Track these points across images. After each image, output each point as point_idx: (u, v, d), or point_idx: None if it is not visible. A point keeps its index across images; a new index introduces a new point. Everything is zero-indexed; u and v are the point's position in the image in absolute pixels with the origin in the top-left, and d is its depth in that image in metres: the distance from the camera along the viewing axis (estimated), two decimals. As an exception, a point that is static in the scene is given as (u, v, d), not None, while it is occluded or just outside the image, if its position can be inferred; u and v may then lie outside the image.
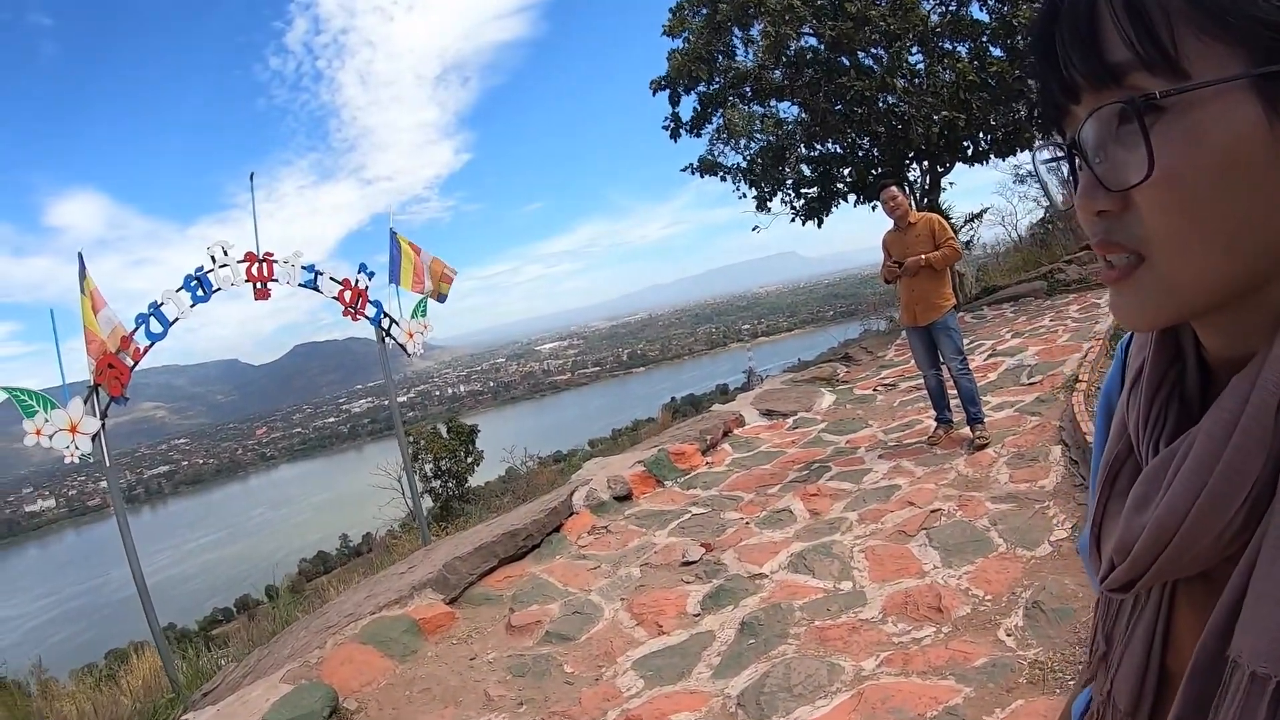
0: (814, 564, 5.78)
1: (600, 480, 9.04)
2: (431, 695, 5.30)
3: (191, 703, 6.90)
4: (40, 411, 7.47)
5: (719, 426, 10.74)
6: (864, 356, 14.32)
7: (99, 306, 7.81)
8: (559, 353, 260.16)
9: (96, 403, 7.80)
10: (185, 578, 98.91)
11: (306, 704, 5.15)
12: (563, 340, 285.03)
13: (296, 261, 9.55)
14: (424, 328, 11.31)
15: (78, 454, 7.67)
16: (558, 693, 4.99)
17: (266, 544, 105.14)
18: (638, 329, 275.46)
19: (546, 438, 62.48)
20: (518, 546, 7.59)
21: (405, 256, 10.93)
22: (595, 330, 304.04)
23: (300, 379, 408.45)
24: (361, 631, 6.16)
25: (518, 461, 22.63)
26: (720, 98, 18.52)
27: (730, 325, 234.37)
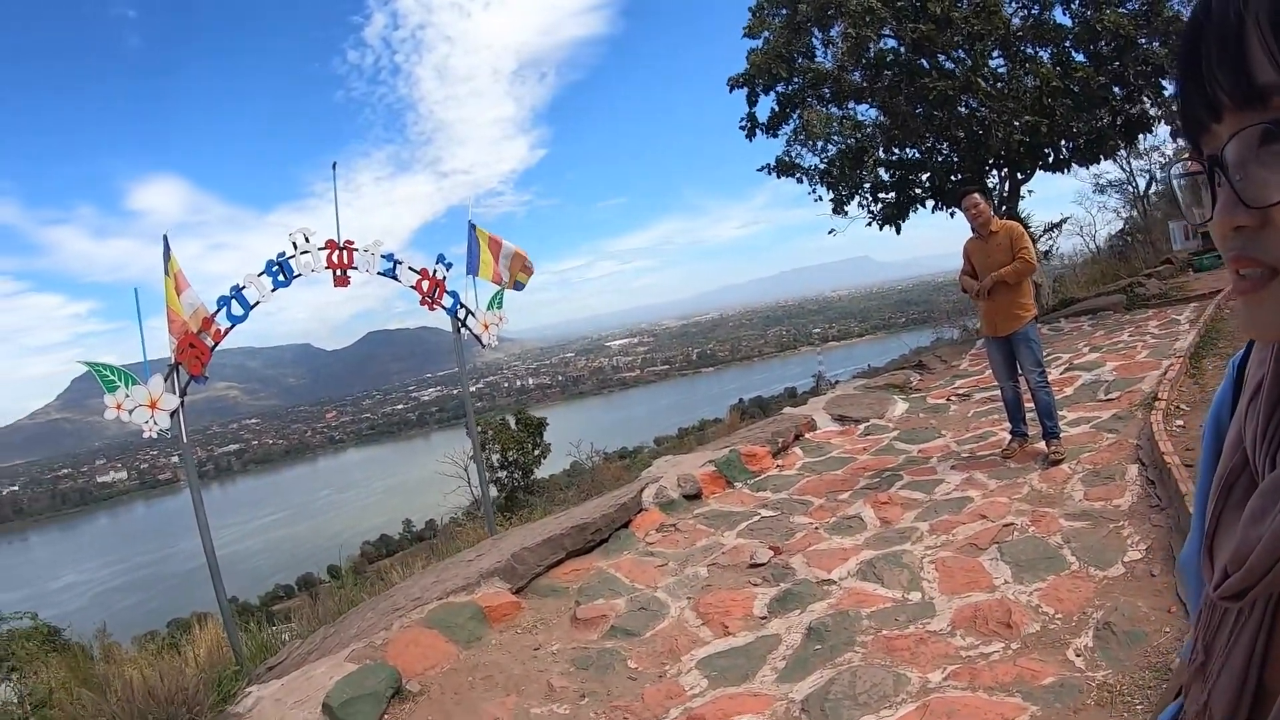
0: (883, 573, 5.73)
1: (670, 478, 9.03)
2: (494, 682, 5.33)
3: (256, 675, 7.00)
4: (121, 386, 7.61)
5: (791, 429, 10.68)
6: (937, 365, 14.17)
7: (182, 288, 7.95)
8: (629, 349, 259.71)
9: (177, 380, 7.94)
10: (250, 553, 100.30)
11: (370, 684, 5.22)
12: (633, 337, 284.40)
13: (376, 250, 9.64)
14: (499, 319, 11.38)
15: (156, 429, 7.81)
16: (620, 687, 5.00)
17: (331, 525, 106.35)
18: (709, 328, 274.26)
19: (613, 434, 62.63)
20: (586, 540, 7.61)
21: (484, 248, 11.00)
22: (666, 328, 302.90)
23: (371, 365, 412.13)
24: (428, 616, 6.21)
25: (583, 456, 22.70)
26: (798, 98, 18.36)
27: (801, 328, 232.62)
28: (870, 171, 18.30)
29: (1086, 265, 23.31)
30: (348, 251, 9.33)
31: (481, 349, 11.72)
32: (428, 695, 5.30)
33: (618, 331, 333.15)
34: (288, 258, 8.81)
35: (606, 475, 16.46)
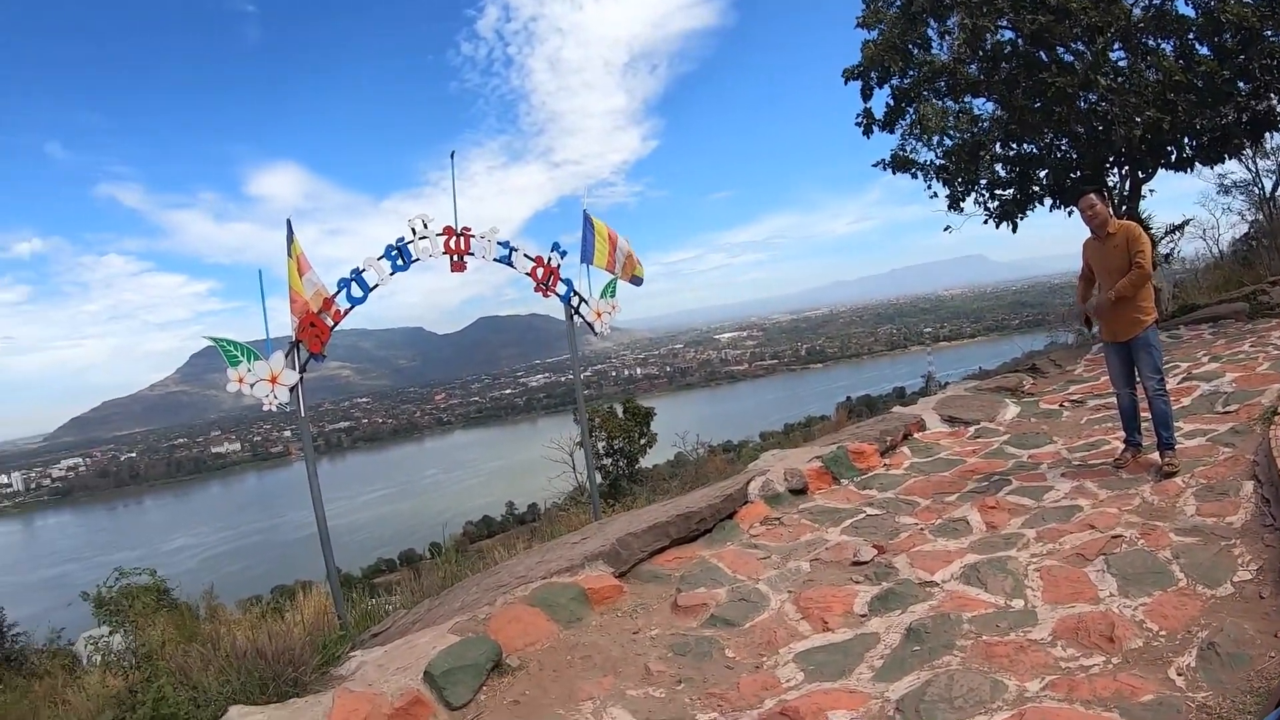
0: (987, 578, 5.68)
1: (777, 472, 9.04)
2: (592, 663, 5.42)
3: (360, 641, 7.21)
4: (244, 361, 7.91)
5: (899, 429, 10.61)
6: (1051, 369, 13.92)
7: (304, 270, 8.21)
8: (738, 343, 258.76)
9: (297, 357, 8.21)
10: (355, 527, 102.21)
11: (471, 655, 5.36)
12: (742, 330, 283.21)
13: (493, 237, 9.81)
14: (612, 308, 11.49)
15: (276, 403, 8.10)
16: (717, 675, 5.04)
17: (435, 503, 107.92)
18: (818, 324, 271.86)
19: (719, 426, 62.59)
20: (690, 529, 7.69)
21: (599, 237, 11.10)
22: (775, 323, 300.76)
23: (481, 350, 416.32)
24: (531, 594, 6.34)
25: (689, 448, 22.76)
26: (914, 92, 18.06)
27: (911, 327, 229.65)
28: (987, 167, 18.01)
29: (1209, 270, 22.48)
30: (465, 238, 9.51)
31: (593, 337, 11.86)
32: (526, 671, 5.42)
33: (727, 324, 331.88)
34: (407, 243, 9.02)
35: (711, 467, 16.52)
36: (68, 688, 11.29)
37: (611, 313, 11.54)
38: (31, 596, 68.78)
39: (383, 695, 5.02)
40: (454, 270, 9.63)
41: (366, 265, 8.73)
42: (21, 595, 75.04)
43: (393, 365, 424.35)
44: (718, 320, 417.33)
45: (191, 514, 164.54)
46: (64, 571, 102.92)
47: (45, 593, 73.84)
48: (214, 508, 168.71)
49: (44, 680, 12.91)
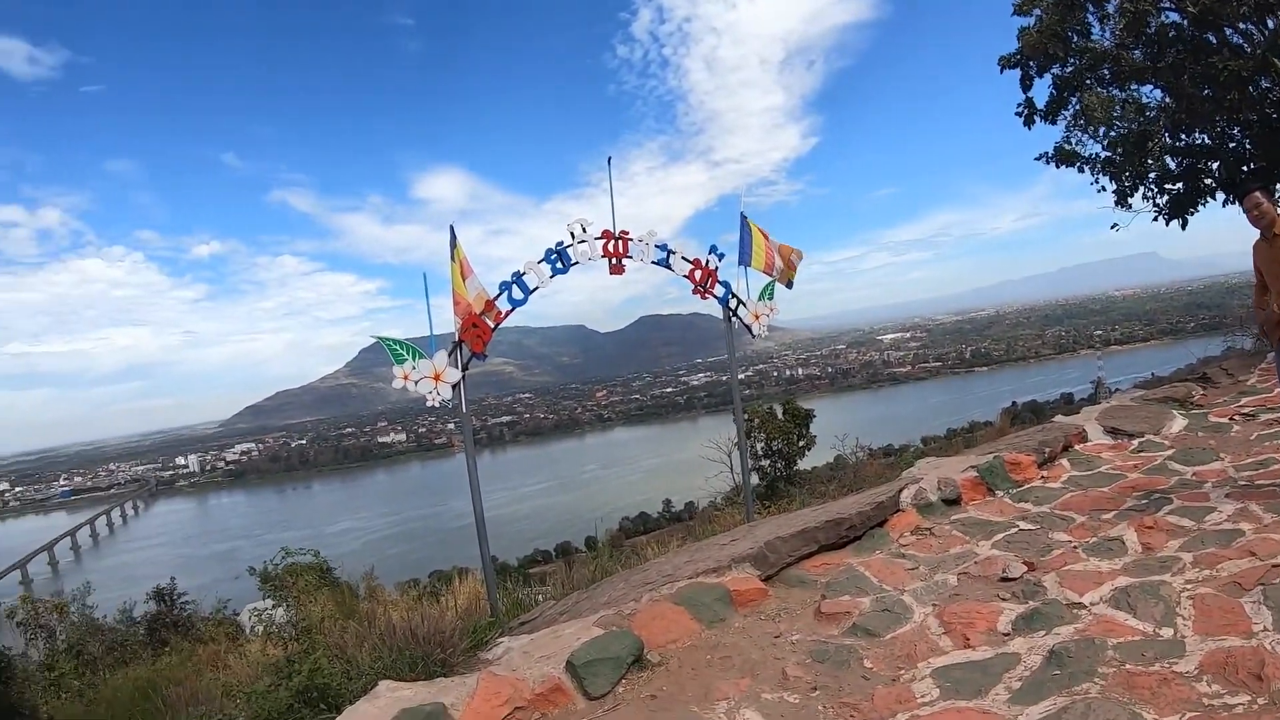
0: (1137, 603, 5.48)
1: (930, 480, 8.95)
2: (731, 663, 5.49)
3: (508, 628, 7.47)
4: (409, 360, 8.28)
5: (1059, 439, 10.36)
6: (1224, 379, 13.39)
7: (467, 273, 8.54)
8: (900, 344, 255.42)
9: (459, 356, 8.53)
10: (514, 518, 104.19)
11: (614, 649, 5.51)
12: (905, 331, 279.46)
13: (650, 240, 9.98)
14: (770, 309, 11.56)
15: (439, 399, 8.44)
16: (853, 685, 5.04)
17: (593, 498, 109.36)
18: (983, 326, 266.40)
19: (879, 430, 61.90)
20: (839, 536, 7.67)
21: (755, 239, 11.18)
22: (939, 323, 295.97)
23: (642, 349, 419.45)
24: (676, 593, 6.44)
25: (848, 450, 22.61)
26: (1076, 81, 17.40)
27: (1081, 329, 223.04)
28: (1155, 160, 17.24)
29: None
30: (623, 241, 9.71)
31: (751, 338, 11.93)
32: (666, 667, 5.53)
33: (889, 325, 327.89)
34: (566, 247, 9.27)
35: (869, 472, 16.42)
36: (230, 654, 11.92)
37: (769, 314, 11.61)
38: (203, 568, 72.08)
39: (525, 681, 5.21)
40: (612, 273, 9.83)
41: (527, 269, 9.00)
42: (193, 567, 78.76)
43: (555, 362, 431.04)
44: (881, 320, 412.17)
45: (356, 499, 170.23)
46: (234, 547, 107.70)
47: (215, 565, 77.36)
48: (378, 494, 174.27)
49: (208, 646, 13.61)
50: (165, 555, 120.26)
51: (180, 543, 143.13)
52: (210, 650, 13.39)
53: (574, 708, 5.16)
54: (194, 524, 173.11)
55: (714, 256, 10.73)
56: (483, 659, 6.19)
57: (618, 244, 9.66)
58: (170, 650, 14.86)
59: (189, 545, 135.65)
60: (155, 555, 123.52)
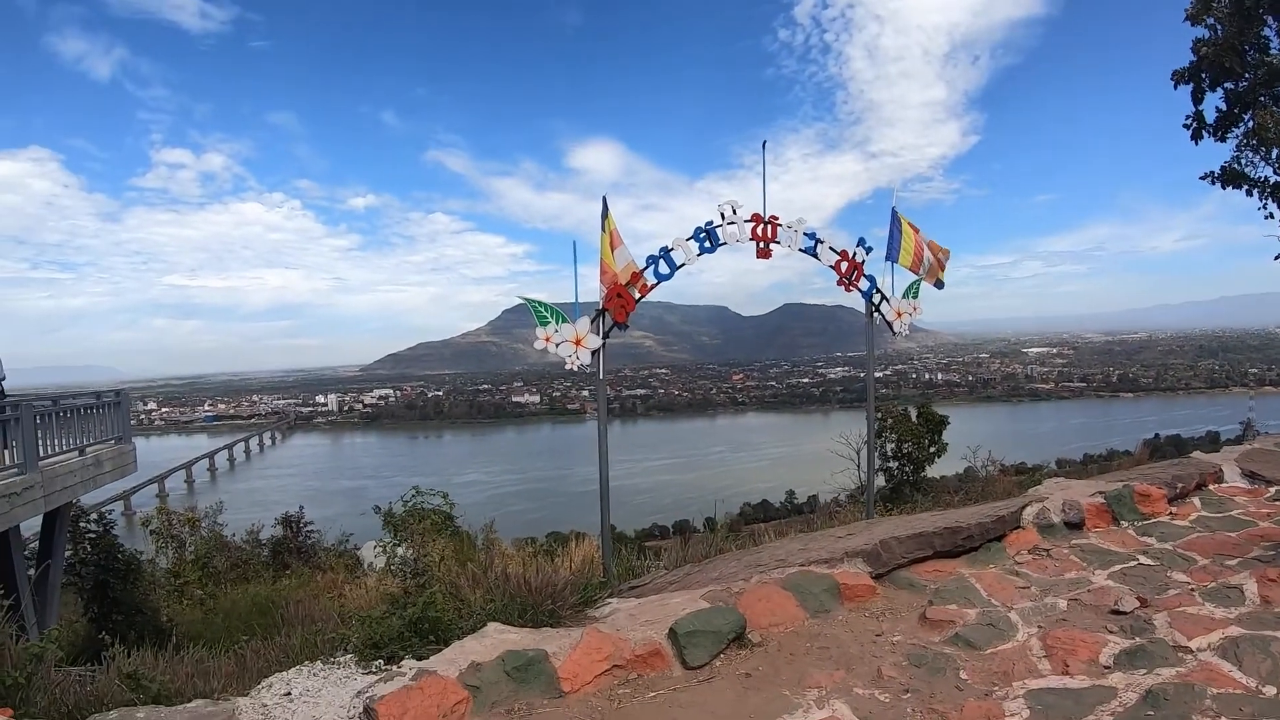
0: (1244, 655, 5.31)
1: (1055, 501, 8.82)
2: (828, 654, 5.57)
3: (619, 591, 7.66)
4: (552, 322, 8.52)
5: (1193, 476, 10.08)
6: (1380, 435, 12.89)
7: (616, 244, 8.71)
8: (1046, 359, 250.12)
9: (601, 324, 8.73)
10: (636, 490, 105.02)
11: (717, 623, 5.65)
12: (1052, 347, 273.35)
13: (799, 227, 10.02)
14: (914, 309, 11.51)
15: (578, 363, 8.68)
16: (944, 693, 5.06)
17: (717, 480, 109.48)
18: (1134, 350, 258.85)
19: (1015, 445, 60.74)
20: (955, 544, 7.64)
21: (905, 236, 11.13)
22: (1088, 341, 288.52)
23: (783, 336, 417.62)
24: (786, 578, 6.53)
25: (979, 463, 22.33)
26: (1250, 97, 16.71)
27: (1235, 364, 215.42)
28: None
29: None
30: (772, 226, 9.78)
31: (893, 336, 11.88)
32: (765, 648, 5.64)
33: (1036, 338, 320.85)
34: (715, 226, 9.39)
35: (999, 487, 16.20)
36: (346, 584, 12.40)
37: (913, 313, 11.56)
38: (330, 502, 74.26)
39: (627, 641, 5.39)
40: (759, 256, 9.91)
41: (675, 244, 9.15)
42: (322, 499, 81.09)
43: (694, 341, 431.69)
44: (1027, 332, 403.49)
45: (486, 453, 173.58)
46: (362, 485, 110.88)
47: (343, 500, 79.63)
48: (507, 451, 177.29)
49: (327, 575, 14.17)
50: (296, 485, 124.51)
51: (311, 475, 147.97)
52: (329, 578, 13.93)
53: (670, 674, 5.32)
54: (327, 459, 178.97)
55: (861, 249, 10.74)
56: (590, 616, 6.38)
57: (767, 228, 9.74)
58: (291, 574, 15.50)
59: (319, 479, 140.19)
60: (287, 484, 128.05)
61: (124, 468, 19.03)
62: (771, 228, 9.74)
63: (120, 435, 19.38)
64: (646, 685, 5.24)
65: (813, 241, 10.19)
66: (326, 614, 9.92)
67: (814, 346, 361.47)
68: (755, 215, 9.64)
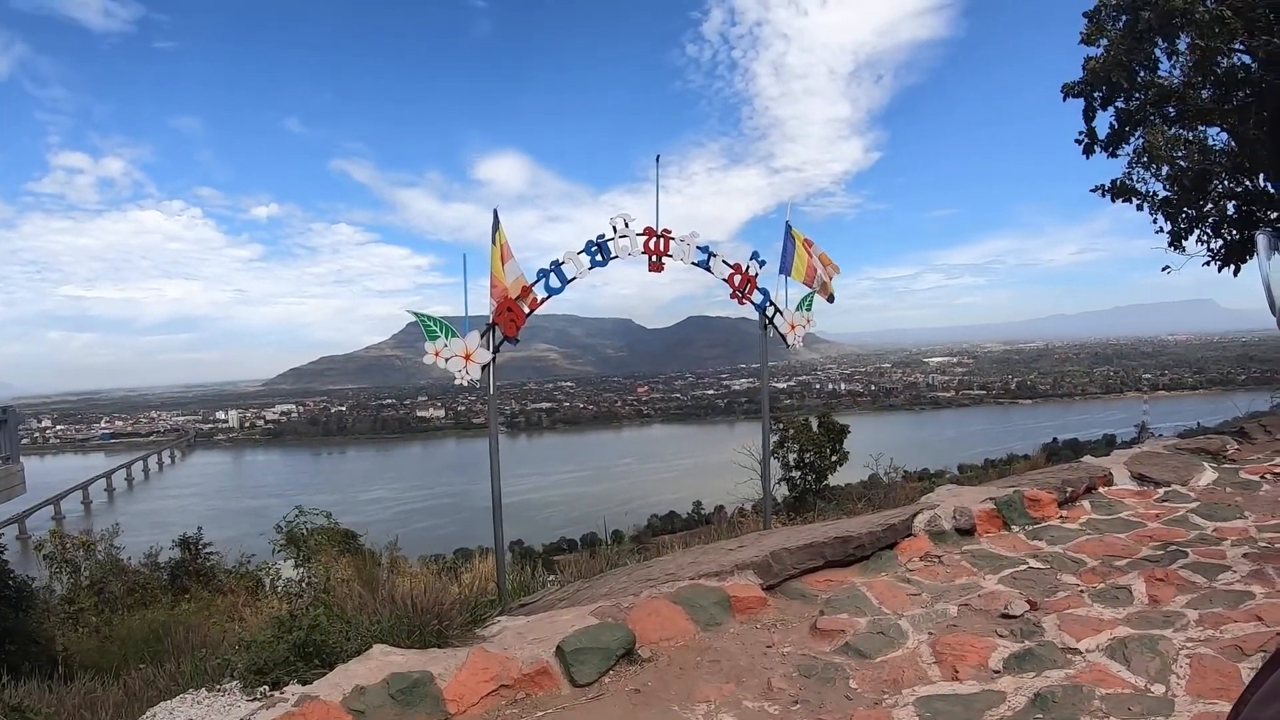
0: (1133, 655, 5.42)
1: (946, 508, 8.92)
2: (718, 668, 5.55)
3: (509, 609, 7.60)
4: (441, 337, 8.44)
5: (1083, 480, 10.27)
6: (1261, 435, 13.10)
7: (506, 258, 8.68)
8: (946, 368, 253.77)
9: (492, 338, 8.66)
10: (545, 503, 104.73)
11: (605, 639, 5.62)
12: (952, 356, 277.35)
13: (692, 241, 10.06)
14: (806, 321, 11.60)
15: (467, 378, 8.59)
16: (834, 703, 5.07)
17: (625, 492, 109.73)
18: (1031, 358, 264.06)
19: (918, 452, 61.67)
20: (847, 553, 7.68)
21: (798, 250, 11.22)
22: (987, 351, 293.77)
23: (687, 349, 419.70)
24: (676, 592, 6.51)
25: (883, 470, 22.58)
26: (1140, 116, 17.17)
27: (1130, 371, 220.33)
28: (1215, 203, 17.00)
29: None
30: (665, 239, 9.79)
31: (786, 347, 11.95)
32: (654, 664, 5.61)
33: (937, 348, 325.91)
34: (607, 240, 9.38)
35: (902, 494, 16.34)
36: (246, 607, 12.15)
37: (806, 326, 11.64)
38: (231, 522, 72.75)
39: (514, 660, 5.34)
40: (652, 270, 9.92)
41: (566, 258, 9.12)
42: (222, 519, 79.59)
43: (599, 353, 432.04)
44: (928, 343, 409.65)
45: (391, 469, 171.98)
46: (265, 504, 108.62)
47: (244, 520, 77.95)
48: (413, 467, 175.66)
49: (227, 598, 13.88)
50: (196, 505, 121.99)
51: (212, 495, 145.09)
52: (228, 601, 13.65)
53: (558, 692, 5.27)
54: (228, 478, 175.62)
55: (754, 263, 10.79)
56: (478, 635, 6.31)
57: (659, 242, 9.74)
58: (190, 598, 15.15)
59: (220, 498, 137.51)
60: (187, 504, 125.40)
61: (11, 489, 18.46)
62: (664, 241, 9.75)
63: (8, 455, 18.82)
64: (534, 705, 5.18)
65: (706, 255, 10.22)
66: (218, 639, 9.73)
67: (718, 358, 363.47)
68: (648, 229, 9.64)
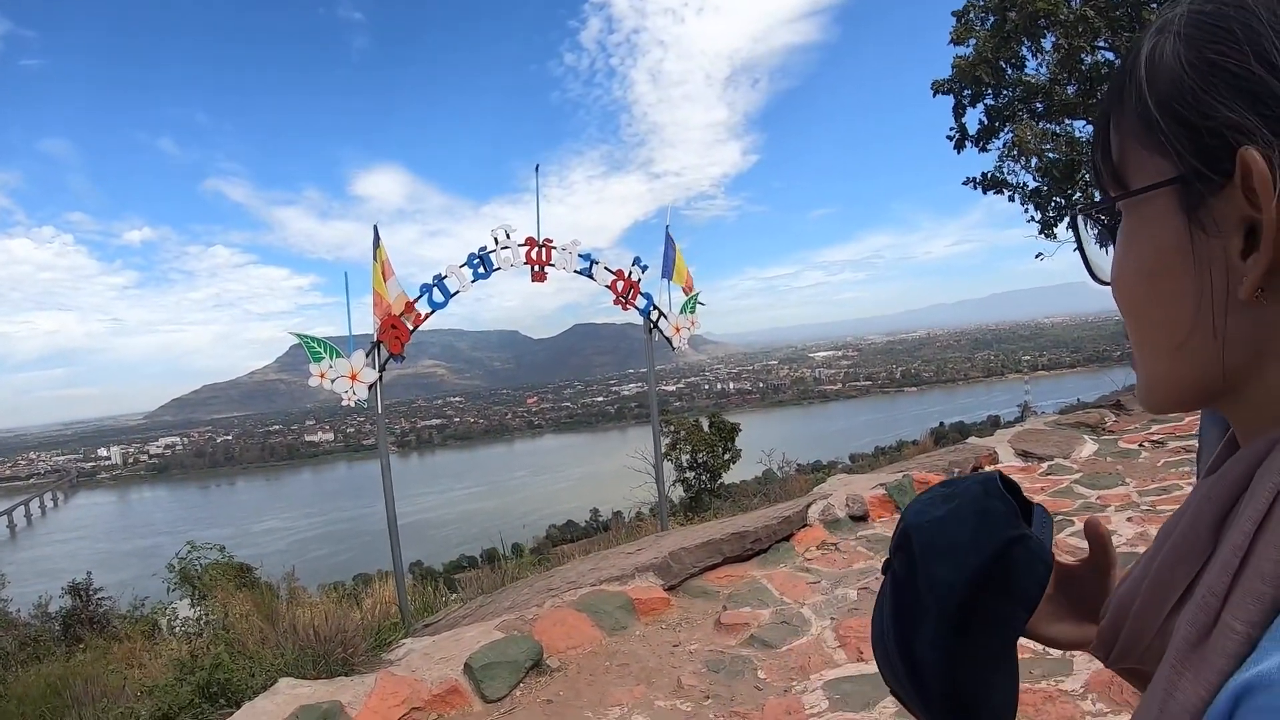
0: None
1: (839, 497, 9.04)
2: (628, 671, 5.57)
3: (413, 630, 7.52)
4: (326, 358, 8.30)
5: (970, 460, 10.53)
6: (1136, 407, 13.57)
7: (388, 274, 8.58)
8: (832, 362, 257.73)
9: (377, 357, 8.55)
10: (442, 521, 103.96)
11: (512, 653, 5.59)
12: (837, 350, 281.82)
13: (574, 249, 10.06)
14: (691, 323, 11.66)
15: (354, 399, 8.46)
16: (745, 695, 5.13)
17: (522, 504, 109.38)
18: (914, 347, 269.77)
19: (809, 446, 62.30)
20: (744, 548, 7.73)
21: (679, 255, 11.29)
22: (871, 344, 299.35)
23: (575, 357, 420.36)
24: (579, 599, 6.52)
25: (776, 465, 22.77)
26: (1009, 112, 17.69)
27: (1010, 354, 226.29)
28: (1084, 191, 17.51)
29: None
30: (546, 249, 9.77)
31: (672, 350, 12.00)
32: (564, 673, 5.59)
33: (822, 343, 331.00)
34: (489, 252, 9.33)
35: (796, 487, 16.50)
36: (145, 652, 11.83)
37: (690, 328, 11.70)
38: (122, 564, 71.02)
39: (423, 682, 5.28)
40: (534, 280, 9.89)
41: (448, 272, 9.04)
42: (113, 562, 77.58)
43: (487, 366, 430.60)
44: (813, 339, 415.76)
45: (283, 498, 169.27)
46: (156, 543, 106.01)
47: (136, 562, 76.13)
48: (305, 494, 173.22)
49: (124, 644, 13.49)
50: (84, 549, 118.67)
51: (100, 537, 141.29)
52: (126, 648, 13.26)
53: (471, 710, 5.23)
54: (115, 518, 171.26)
55: (637, 268, 10.82)
56: (385, 659, 6.23)
57: (541, 251, 9.71)
58: (85, 647, 14.69)
59: (109, 540, 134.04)
60: (74, 549, 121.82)
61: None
62: (546, 250, 9.73)
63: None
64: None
65: (588, 263, 10.23)
66: (118, 688, 9.46)
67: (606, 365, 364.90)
68: (529, 239, 9.61)
